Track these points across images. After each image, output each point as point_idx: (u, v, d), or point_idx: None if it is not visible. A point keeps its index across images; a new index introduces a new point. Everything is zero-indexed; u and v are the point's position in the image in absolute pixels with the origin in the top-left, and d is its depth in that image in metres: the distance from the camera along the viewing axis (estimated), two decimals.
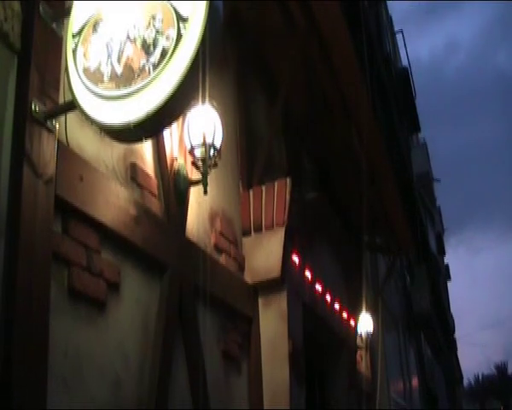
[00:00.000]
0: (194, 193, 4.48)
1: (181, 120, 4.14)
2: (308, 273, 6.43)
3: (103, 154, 3.55)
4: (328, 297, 7.20)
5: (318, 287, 6.82)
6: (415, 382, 16.87)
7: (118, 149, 3.69)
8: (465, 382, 54.43)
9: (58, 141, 3.04)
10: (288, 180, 5.35)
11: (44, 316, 2.83)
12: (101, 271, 3.35)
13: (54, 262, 2.98)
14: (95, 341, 3.27)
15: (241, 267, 5.24)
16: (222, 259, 4.92)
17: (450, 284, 39.96)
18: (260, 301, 5.31)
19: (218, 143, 3.77)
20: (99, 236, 3.37)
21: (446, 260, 39.55)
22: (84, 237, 3.26)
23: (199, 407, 4.13)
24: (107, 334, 3.38)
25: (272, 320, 5.24)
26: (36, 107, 2.91)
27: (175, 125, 4.32)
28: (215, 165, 3.78)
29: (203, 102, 3.69)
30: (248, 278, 5.25)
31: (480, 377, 59.20)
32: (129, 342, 3.58)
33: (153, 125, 2.68)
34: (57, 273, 3.04)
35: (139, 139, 2.96)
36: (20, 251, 2.74)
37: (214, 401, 4.37)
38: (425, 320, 17.86)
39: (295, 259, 5.85)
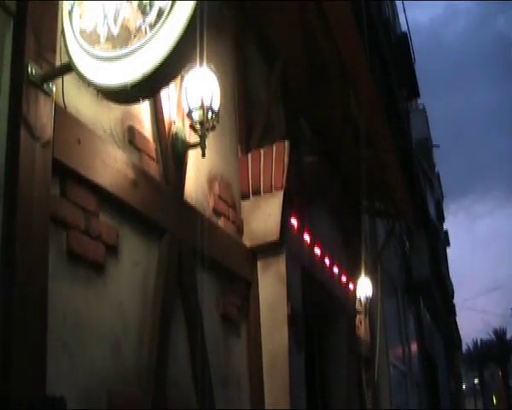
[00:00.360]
0: (193, 157, 4.47)
1: (179, 82, 4.12)
2: (307, 237, 6.44)
3: (101, 117, 3.54)
4: (327, 261, 7.22)
5: (317, 250, 6.84)
6: (414, 347, 16.96)
7: (115, 112, 3.69)
8: (464, 347, 54.86)
9: (55, 104, 3.03)
10: (287, 143, 5.32)
11: (43, 279, 2.84)
12: (99, 233, 3.36)
13: (52, 225, 3.00)
14: (94, 304, 3.29)
15: (240, 231, 5.25)
16: (220, 222, 4.93)
17: (449, 250, 40.15)
18: (259, 264, 5.32)
19: (216, 106, 3.74)
20: (97, 199, 3.37)
21: (446, 226, 39.71)
22: (82, 200, 3.26)
23: (198, 370, 4.17)
24: (105, 297, 3.40)
25: (271, 283, 5.25)
26: (32, 70, 2.89)
27: (172, 88, 4.31)
28: (213, 128, 3.76)
29: (201, 64, 3.67)
30: (247, 241, 5.26)
31: (479, 343, 59.60)
32: (128, 305, 3.60)
33: (150, 86, 2.67)
34: (55, 236, 3.05)
35: (136, 100, 2.94)
36: (19, 214, 2.75)
37: (213, 363, 4.41)
38: (424, 286, 17.91)
39: (294, 222, 5.86)
